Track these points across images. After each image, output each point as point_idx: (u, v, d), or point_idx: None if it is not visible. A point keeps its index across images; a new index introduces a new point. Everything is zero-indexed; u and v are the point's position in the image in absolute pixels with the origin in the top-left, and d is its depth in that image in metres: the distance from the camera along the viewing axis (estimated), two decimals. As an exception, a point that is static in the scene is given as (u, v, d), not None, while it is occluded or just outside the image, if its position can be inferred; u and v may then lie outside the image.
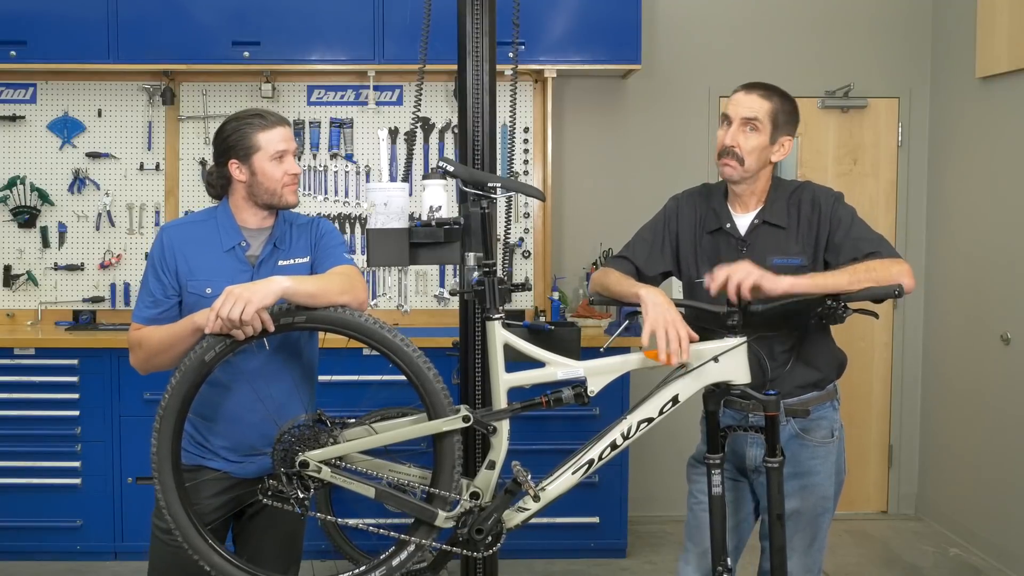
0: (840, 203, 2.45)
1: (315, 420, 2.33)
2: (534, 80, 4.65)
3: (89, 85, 4.62)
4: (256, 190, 2.42)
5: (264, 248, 2.46)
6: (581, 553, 4.28)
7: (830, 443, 2.51)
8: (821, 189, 2.49)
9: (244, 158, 2.41)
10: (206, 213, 2.53)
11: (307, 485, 2.28)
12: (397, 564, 2.28)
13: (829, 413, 2.51)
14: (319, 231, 2.56)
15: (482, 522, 2.27)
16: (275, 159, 2.40)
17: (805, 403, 2.45)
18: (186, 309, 2.40)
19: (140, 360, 2.45)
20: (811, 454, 2.49)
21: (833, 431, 2.51)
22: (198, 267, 2.42)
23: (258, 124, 2.40)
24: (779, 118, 2.44)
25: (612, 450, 2.29)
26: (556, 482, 2.29)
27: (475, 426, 2.28)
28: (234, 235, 2.45)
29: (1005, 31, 4.13)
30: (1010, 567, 4.12)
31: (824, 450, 2.50)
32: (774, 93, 2.45)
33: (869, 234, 2.40)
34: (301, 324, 2.28)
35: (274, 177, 2.41)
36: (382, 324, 2.28)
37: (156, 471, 2.25)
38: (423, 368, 2.26)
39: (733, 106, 2.44)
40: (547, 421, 3.89)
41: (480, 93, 2.64)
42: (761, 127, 2.42)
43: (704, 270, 2.41)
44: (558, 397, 2.27)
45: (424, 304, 4.72)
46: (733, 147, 2.42)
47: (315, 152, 4.68)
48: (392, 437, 2.31)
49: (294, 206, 2.49)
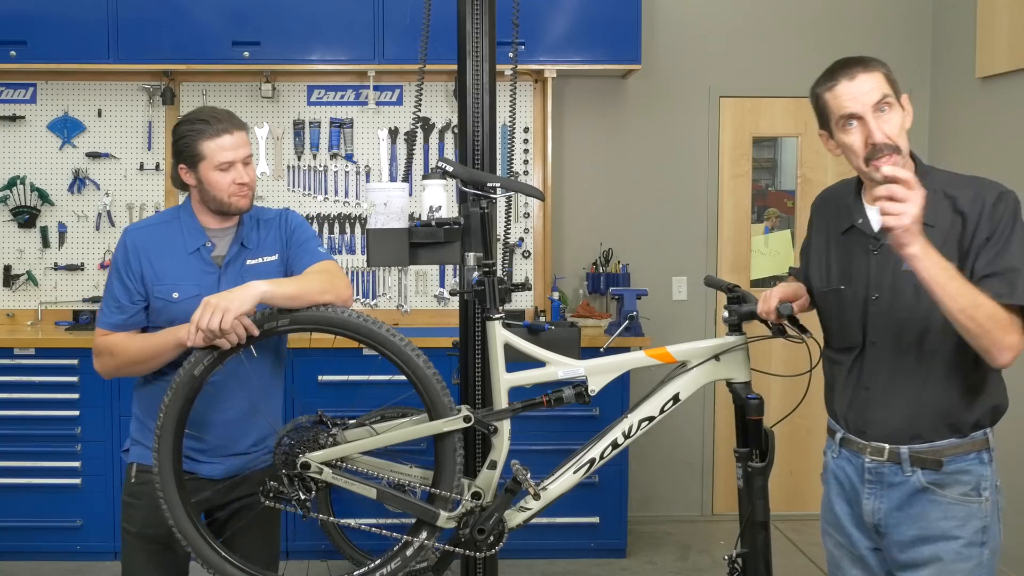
0: (1007, 206, 1.97)
1: (316, 421, 2.33)
2: (534, 80, 4.65)
3: (89, 85, 4.62)
4: (205, 196, 2.37)
5: (230, 248, 2.41)
6: (581, 553, 4.28)
7: (975, 503, 2.03)
8: (989, 184, 2.03)
9: (191, 165, 2.35)
10: (170, 213, 2.47)
11: (308, 486, 2.28)
12: (396, 566, 2.28)
13: (975, 467, 2.04)
14: (289, 226, 2.48)
15: (483, 522, 2.27)
16: (221, 169, 2.32)
17: (940, 450, 2.03)
18: (153, 314, 2.36)
19: (110, 368, 2.40)
20: (944, 513, 2.03)
21: (981, 488, 2.04)
22: (163, 271, 2.35)
23: (205, 132, 2.31)
24: (892, 80, 2.05)
25: (613, 449, 2.29)
26: (557, 481, 2.29)
27: (476, 426, 2.28)
28: (198, 236, 2.39)
29: (1005, 31, 4.13)
30: (1010, 567, 4.12)
31: (964, 510, 2.02)
32: (868, 60, 2.05)
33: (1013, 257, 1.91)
34: (286, 327, 2.26)
35: (220, 187, 2.33)
36: (382, 325, 2.28)
37: (160, 490, 2.26)
38: (423, 368, 2.26)
39: (850, 99, 1.99)
40: (547, 421, 3.89)
41: (480, 93, 2.64)
42: (892, 100, 2.01)
43: (835, 279, 2.14)
44: (559, 396, 2.27)
45: (424, 304, 4.72)
46: (886, 141, 1.98)
47: (315, 152, 4.68)
48: (393, 438, 2.31)
49: (247, 211, 2.41)
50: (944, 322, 1.92)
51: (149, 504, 2.34)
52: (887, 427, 2.06)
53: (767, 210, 4.92)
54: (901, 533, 2.06)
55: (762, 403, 2.23)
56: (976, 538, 2.01)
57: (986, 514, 2.02)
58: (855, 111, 1.98)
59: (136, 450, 2.45)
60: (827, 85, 2.03)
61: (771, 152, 4.98)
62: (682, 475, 4.91)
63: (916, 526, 2.03)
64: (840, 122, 2.02)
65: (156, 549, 2.40)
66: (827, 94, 2.04)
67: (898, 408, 2.04)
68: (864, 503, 2.11)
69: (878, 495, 2.08)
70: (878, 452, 2.07)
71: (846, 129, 2.01)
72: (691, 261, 4.86)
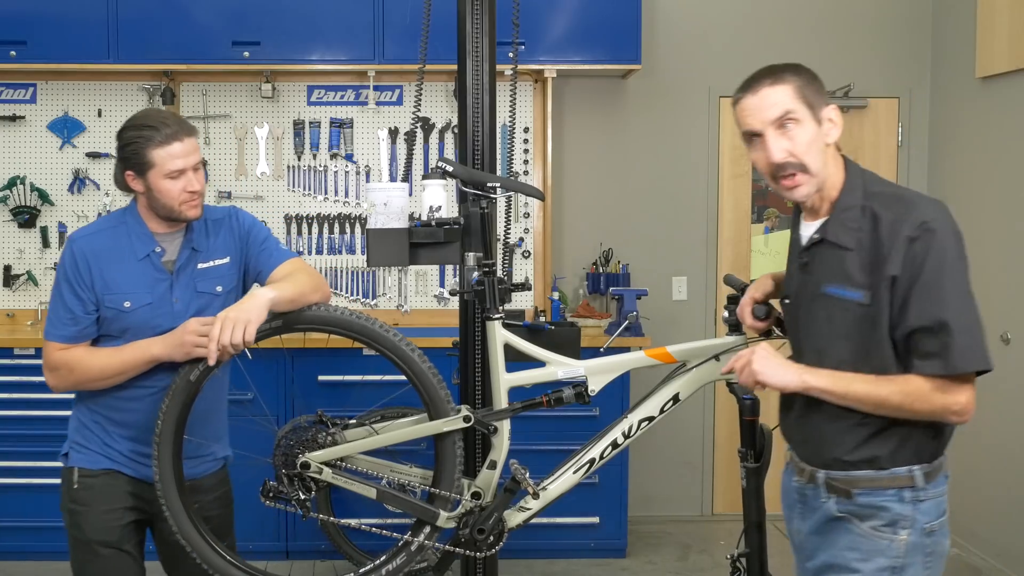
0: (933, 235, 1.74)
1: (315, 421, 2.33)
2: (534, 80, 4.65)
3: (89, 85, 4.62)
4: (153, 204, 2.29)
5: (180, 253, 2.35)
6: (581, 553, 4.27)
7: (885, 539, 1.85)
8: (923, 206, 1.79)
9: (139, 172, 2.26)
10: (115, 218, 2.38)
11: (308, 486, 2.28)
12: (396, 566, 2.28)
13: (893, 505, 1.86)
14: (242, 227, 2.43)
15: (483, 522, 2.27)
16: (171, 177, 2.24)
17: (854, 481, 1.88)
18: (104, 324, 2.30)
19: (68, 383, 2.32)
20: (852, 544, 1.88)
21: (898, 527, 1.85)
22: (114, 280, 2.28)
23: (154, 139, 2.23)
24: (806, 92, 1.88)
25: (613, 449, 2.29)
26: (557, 481, 2.29)
27: (476, 426, 2.28)
28: (147, 242, 2.32)
29: (1005, 31, 4.13)
30: (1010, 567, 4.12)
31: (872, 545, 1.86)
32: (779, 71, 1.91)
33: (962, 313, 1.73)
34: (300, 327, 2.28)
35: (170, 195, 2.26)
36: (384, 326, 2.29)
37: (162, 497, 2.27)
38: (423, 368, 2.26)
39: (750, 115, 1.90)
40: (547, 421, 3.89)
41: (480, 93, 2.64)
42: (798, 115, 1.86)
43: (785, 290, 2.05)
44: (559, 396, 2.28)
45: (424, 304, 4.72)
46: (787, 160, 1.86)
47: (315, 152, 4.68)
48: (393, 438, 2.31)
49: (197, 219, 2.34)
50: (856, 359, 1.84)
51: (96, 509, 2.32)
52: (807, 448, 1.98)
53: (767, 210, 4.91)
54: (815, 558, 1.97)
55: (757, 403, 2.23)
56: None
57: (899, 554, 1.85)
58: (754, 128, 1.89)
59: (77, 455, 2.38)
60: (736, 97, 1.96)
61: (771, 152, 4.98)
62: (682, 475, 4.91)
63: (827, 553, 1.93)
64: (745, 138, 1.93)
65: (109, 554, 2.34)
66: (735, 107, 1.96)
67: (817, 430, 1.93)
68: (791, 521, 2.07)
69: (801, 516, 2.00)
70: (801, 472, 2.00)
71: (752, 144, 1.92)
72: (691, 261, 4.86)
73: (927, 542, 1.87)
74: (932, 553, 1.88)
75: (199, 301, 2.35)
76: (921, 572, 1.88)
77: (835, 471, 1.90)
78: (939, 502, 1.90)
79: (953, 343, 1.73)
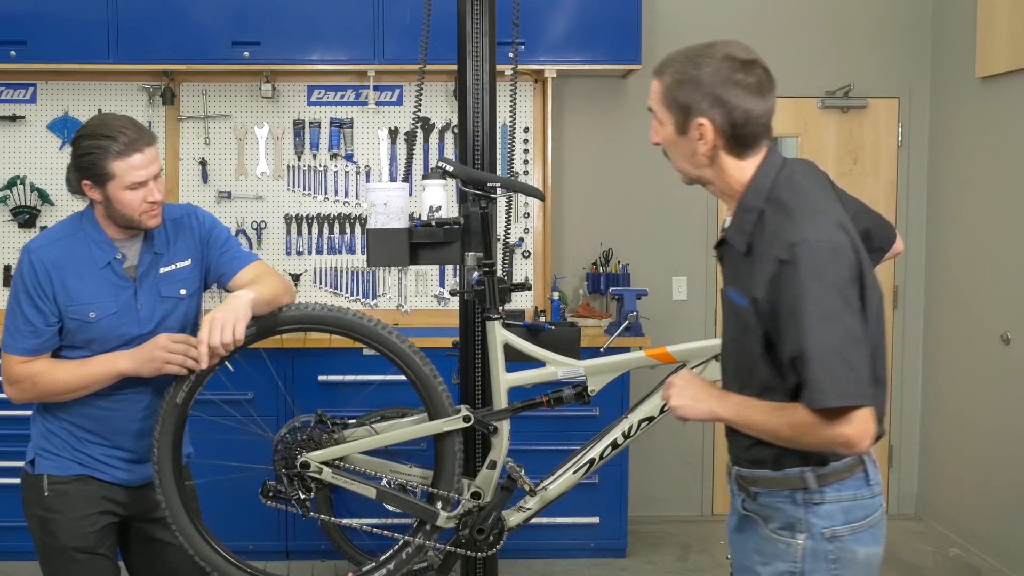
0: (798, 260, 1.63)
1: (315, 421, 2.33)
2: (534, 80, 4.65)
3: (89, 85, 4.62)
4: (112, 214, 2.23)
5: (142, 259, 2.30)
6: (581, 553, 4.27)
7: (783, 543, 1.79)
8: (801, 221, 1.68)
9: (97, 183, 2.20)
10: (72, 225, 2.30)
11: (308, 486, 2.28)
12: (395, 565, 2.28)
13: (787, 507, 1.79)
14: (203, 227, 2.40)
15: (482, 521, 2.27)
16: (131, 188, 2.19)
17: (755, 480, 1.84)
18: (68, 335, 2.25)
19: (30, 396, 2.28)
20: (756, 546, 1.84)
21: (796, 531, 1.78)
22: (76, 290, 2.22)
23: (112, 149, 2.16)
24: (670, 97, 1.77)
25: (613, 449, 2.30)
26: (557, 481, 2.30)
27: (476, 426, 2.28)
28: (108, 249, 2.27)
29: (1005, 31, 4.13)
30: (1010, 567, 4.12)
31: (772, 549, 1.80)
32: (665, 65, 1.80)
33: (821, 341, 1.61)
34: (293, 327, 2.29)
35: (131, 206, 2.20)
36: (384, 325, 2.29)
37: (172, 522, 2.29)
38: (423, 368, 2.26)
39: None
40: (547, 421, 3.89)
41: (480, 93, 2.64)
42: (660, 116, 1.81)
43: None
44: (558, 396, 2.28)
45: (424, 304, 4.72)
46: (660, 145, 1.86)
47: (315, 152, 4.68)
48: (392, 437, 2.31)
49: (156, 227, 2.29)
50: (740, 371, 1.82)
51: (70, 515, 2.30)
52: (728, 441, 1.93)
53: (767, 210, 4.91)
54: (735, 557, 1.94)
55: None
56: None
57: (796, 559, 1.77)
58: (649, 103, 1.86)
59: (46, 462, 2.33)
60: None
61: (771, 152, 4.98)
62: (682, 475, 4.91)
63: (741, 553, 1.89)
64: None
65: (85, 559, 2.32)
66: None
67: (729, 427, 1.88)
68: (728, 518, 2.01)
69: (731, 512, 1.95)
70: (727, 468, 1.95)
71: None
72: (691, 261, 4.86)
73: (829, 548, 1.76)
74: (838, 560, 1.77)
75: (164, 306, 2.31)
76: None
77: (743, 468, 1.86)
78: (848, 507, 1.77)
79: (812, 376, 1.61)
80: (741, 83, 1.72)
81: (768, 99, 1.76)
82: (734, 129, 1.74)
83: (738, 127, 1.74)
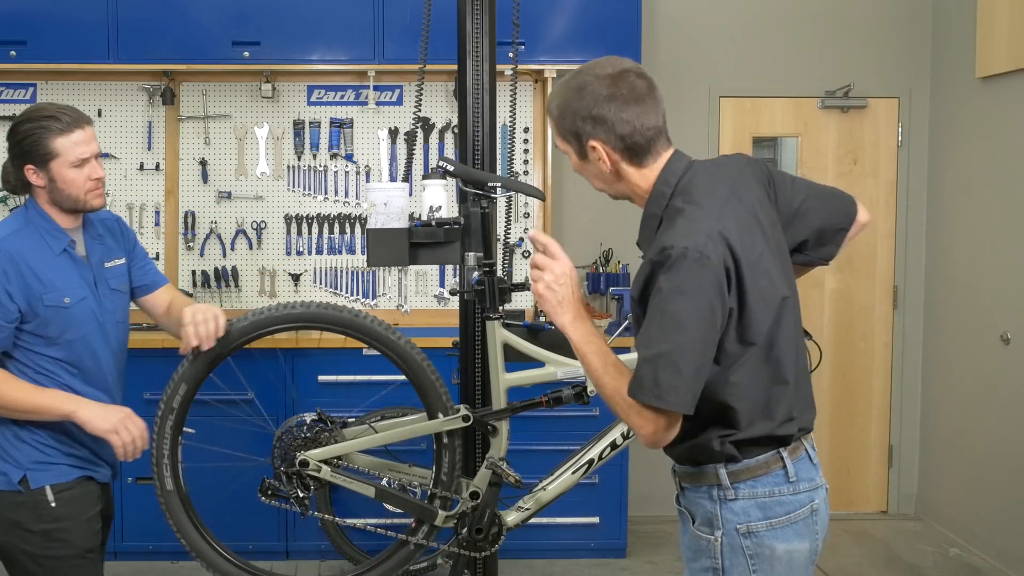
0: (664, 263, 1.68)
1: (315, 420, 2.33)
2: (534, 80, 4.65)
3: (89, 85, 4.62)
4: (57, 196, 2.24)
5: (91, 249, 2.33)
6: (581, 553, 4.27)
7: (704, 539, 1.83)
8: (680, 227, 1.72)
9: (41, 164, 2.21)
10: (21, 219, 2.29)
11: (307, 484, 2.28)
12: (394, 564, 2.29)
13: (704, 503, 1.84)
14: (129, 238, 2.46)
15: (478, 520, 2.27)
16: (76, 166, 2.21)
17: (682, 475, 1.90)
18: (41, 326, 2.21)
19: None
20: (688, 542, 1.90)
21: (714, 527, 1.82)
22: (48, 278, 2.21)
23: (54, 128, 2.19)
24: (561, 128, 1.83)
25: (612, 450, 2.30)
26: (556, 482, 2.30)
27: (475, 426, 2.28)
28: (61, 237, 2.27)
29: (1005, 31, 4.13)
30: (1010, 567, 4.12)
31: (696, 544, 1.85)
32: (551, 101, 1.87)
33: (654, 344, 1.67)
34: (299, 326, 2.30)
35: (76, 184, 2.22)
36: (385, 325, 2.29)
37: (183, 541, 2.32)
38: (423, 367, 2.26)
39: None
40: (547, 421, 3.89)
41: (480, 93, 2.64)
42: (563, 148, 1.88)
43: None
44: (558, 396, 2.28)
45: (424, 304, 4.72)
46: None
47: (315, 152, 4.68)
48: (392, 436, 2.31)
49: (101, 209, 2.32)
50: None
51: (81, 518, 2.28)
52: None
53: (767, 210, 4.91)
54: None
55: None
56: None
57: (715, 555, 1.81)
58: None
59: (43, 474, 2.25)
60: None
61: (771, 152, 4.98)
62: (682, 475, 4.91)
63: (681, 546, 1.95)
64: None
65: (93, 558, 2.32)
66: None
67: None
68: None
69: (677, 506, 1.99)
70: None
71: None
72: (691, 261, 4.85)
73: (747, 543, 1.79)
74: (756, 556, 1.79)
75: (114, 299, 2.33)
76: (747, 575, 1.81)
77: (676, 464, 1.91)
78: (764, 504, 1.79)
79: (639, 371, 1.68)
80: (615, 97, 1.75)
81: (647, 103, 1.78)
82: (624, 142, 1.78)
83: (627, 139, 1.78)
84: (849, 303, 4.87)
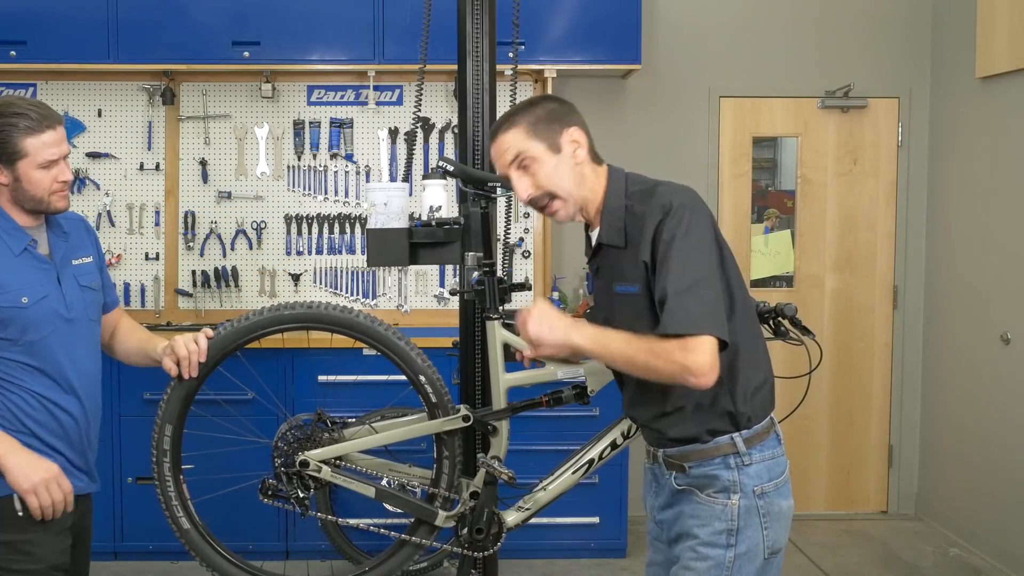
0: (668, 215, 1.88)
1: (315, 420, 2.33)
2: (534, 80, 4.65)
3: (89, 85, 4.62)
4: (20, 196, 2.17)
5: (55, 246, 2.26)
6: (581, 553, 4.28)
7: (719, 504, 1.97)
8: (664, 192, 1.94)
9: (7, 162, 2.14)
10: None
11: (307, 484, 2.28)
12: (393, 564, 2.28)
13: (721, 472, 1.97)
14: (96, 242, 2.40)
15: (477, 519, 2.27)
16: (43, 167, 2.15)
17: (686, 455, 2.01)
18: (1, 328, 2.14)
19: None
20: (693, 511, 2.00)
21: (731, 492, 1.97)
22: (3, 279, 2.14)
23: (24, 127, 2.12)
24: (535, 129, 2.00)
25: (612, 449, 2.30)
26: (556, 482, 2.30)
27: (475, 426, 2.28)
28: (20, 236, 2.19)
29: (1005, 31, 4.13)
30: (1010, 567, 4.12)
31: (708, 511, 1.98)
32: (512, 115, 2.03)
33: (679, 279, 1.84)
34: (301, 325, 2.30)
35: (42, 185, 2.16)
36: (385, 325, 2.29)
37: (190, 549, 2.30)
38: (424, 367, 2.26)
39: (496, 161, 2.07)
40: (547, 421, 3.89)
41: (480, 93, 2.64)
42: (531, 152, 2.00)
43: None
44: (558, 396, 2.28)
45: (424, 304, 4.72)
46: (537, 195, 2.02)
47: (315, 152, 4.68)
48: (392, 436, 2.31)
49: (64, 211, 2.25)
50: None
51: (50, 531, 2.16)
52: (646, 431, 2.10)
53: (767, 210, 4.91)
54: (669, 530, 2.08)
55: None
56: (717, 540, 1.96)
57: (732, 518, 1.95)
58: (503, 172, 2.05)
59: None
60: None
61: (771, 152, 4.98)
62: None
63: (677, 524, 2.04)
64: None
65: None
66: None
67: (646, 414, 2.06)
68: (646, 499, 2.18)
69: (655, 493, 2.12)
70: (647, 453, 2.13)
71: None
72: (691, 261, 4.85)
73: (760, 504, 1.97)
74: (767, 514, 1.97)
75: (85, 296, 2.28)
76: (758, 533, 1.97)
77: (670, 448, 2.02)
78: (770, 465, 1.99)
79: (668, 308, 1.83)
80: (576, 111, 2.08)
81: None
82: (590, 139, 2.05)
83: (590, 138, 2.05)
84: (849, 303, 4.87)
